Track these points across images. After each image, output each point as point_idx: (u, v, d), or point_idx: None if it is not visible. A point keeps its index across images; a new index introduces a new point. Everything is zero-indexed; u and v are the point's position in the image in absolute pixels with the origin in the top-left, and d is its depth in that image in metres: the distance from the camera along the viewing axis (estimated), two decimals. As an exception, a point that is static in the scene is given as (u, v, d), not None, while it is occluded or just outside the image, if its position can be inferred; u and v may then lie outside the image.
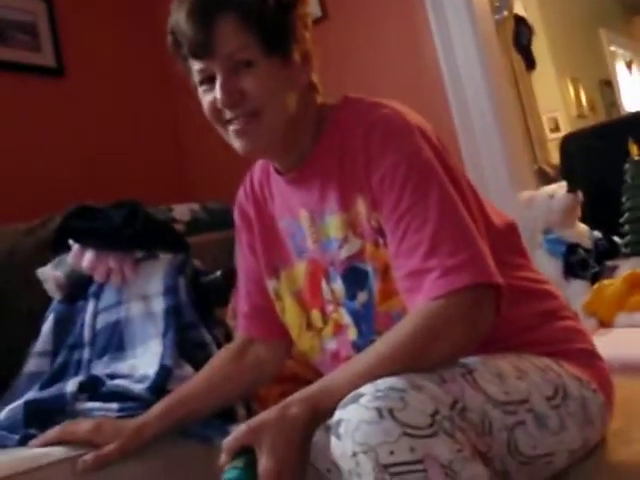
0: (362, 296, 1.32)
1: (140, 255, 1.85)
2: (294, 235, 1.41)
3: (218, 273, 1.82)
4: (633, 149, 2.69)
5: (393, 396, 0.99)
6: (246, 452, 1.07)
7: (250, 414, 1.76)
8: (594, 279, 2.45)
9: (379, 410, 0.97)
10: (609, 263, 2.56)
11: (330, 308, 1.38)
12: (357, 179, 1.28)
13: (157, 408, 1.51)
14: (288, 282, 1.44)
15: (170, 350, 1.71)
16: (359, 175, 1.27)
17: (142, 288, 1.80)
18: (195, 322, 1.77)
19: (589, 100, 6.59)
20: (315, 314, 1.41)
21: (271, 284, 1.47)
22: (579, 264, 2.54)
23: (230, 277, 1.79)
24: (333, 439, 1.01)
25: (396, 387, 1.01)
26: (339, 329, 1.37)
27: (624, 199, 2.73)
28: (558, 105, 6.20)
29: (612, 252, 2.64)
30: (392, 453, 0.96)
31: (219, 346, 1.77)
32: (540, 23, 5.77)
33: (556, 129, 6.23)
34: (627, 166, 2.74)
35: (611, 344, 1.83)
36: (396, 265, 1.21)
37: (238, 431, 1.09)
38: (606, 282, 2.20)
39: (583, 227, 2.63)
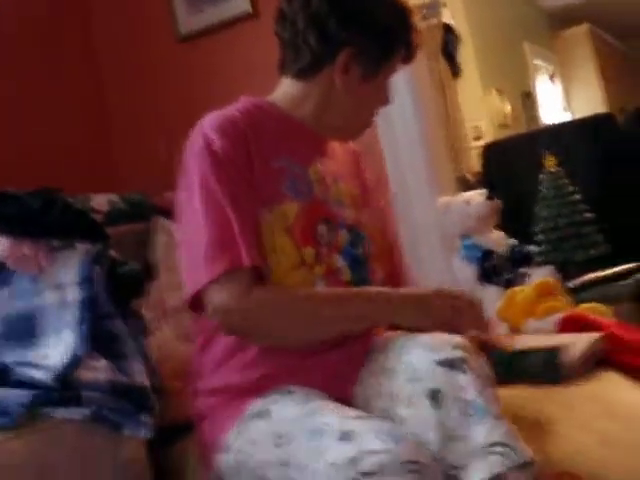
0: (360, 249, 1.60)
1: (56, 244, 1.81)
2: (294, 178, 1.56)
3: (136, 264, 1.80)
4: (548, 161, 2.77)
5: None
6: None
7: (162, 406, 1.76)
8: (507, 285, 2.50)
9: None
10: (522, 270, 2.62)
11: (324, 251, 1.53)
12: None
13: None
14: (280, 217, 1.51)
15: (83, 340, 1.69)
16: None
17: (57, 277, 1.77)
18: (111, 313, 1.75)
19: (512, 110, 6.71)
20: (309, 251, 1.52)
21: (264, 216, 1.50)
22: (493, 270, 2.60)
23: (148, 269, 1.78)
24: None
25: None
26: (330, 271, 1.53)
27: (537, 209, 2.80)
28: (482, 114, 6.29)
29: (526, 260, 2.71)
30: None
31: (135, 338, 1.76)
32: (467, 32, 5.85)
33: (479, 137, 6.32)
34: (542, 177, 2.81)
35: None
36: None
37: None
38: (517, 289, 2.25)
39: (499, 234, 2.70)
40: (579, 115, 8.08)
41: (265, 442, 1.39)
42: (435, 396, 1.30)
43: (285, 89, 1.66)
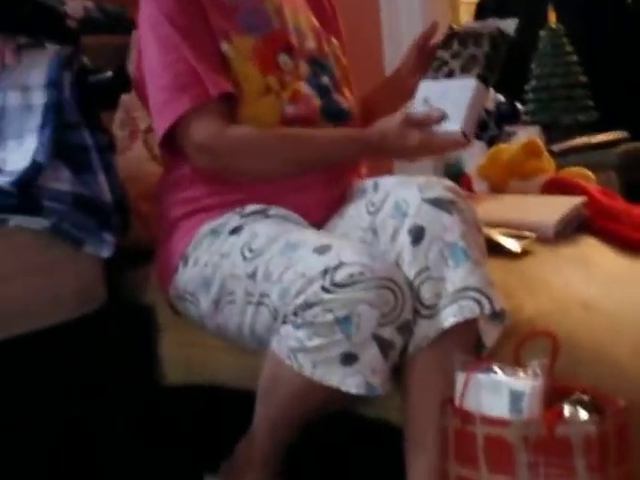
0: (325, 78, 1.60)
1: (24, 41, 1.67)
2: (248, 11, 1.56)
3: (109, 73, 1.67)
4: (552, 17, 2.63)
5: None
6: None
7: (126, 227, 1.69)
8: (491, 142, 2.42)
9: None
10: (508, 128, 2.53)
11: (288, 78, 1.55)
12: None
13: None
14: (240, 48, 1.53)
15: (45, 147, 1.58)
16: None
17: (22, 78, 1.64)
18: (77, 122, 1.63)
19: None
20: (272, 79, 1.53)
21: (224, 47, 1.52)
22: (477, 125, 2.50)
23: (121, 78, 1.66)
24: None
25: None
26: (298, 96, 1.54)
27: (534, 66, 2.69)
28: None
29: (512, 117, 2.62)
30: None
31: (100, 153, 1.65)
32: None
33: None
34: (542, 33, 2.69)
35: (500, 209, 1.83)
36: None
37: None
38: (503, 147, 2.16)
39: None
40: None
41: (235, 255, 1.40)
42: (417, 232, 1.29)
43: None
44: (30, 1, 1.68)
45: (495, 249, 1.59)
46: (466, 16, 4.13)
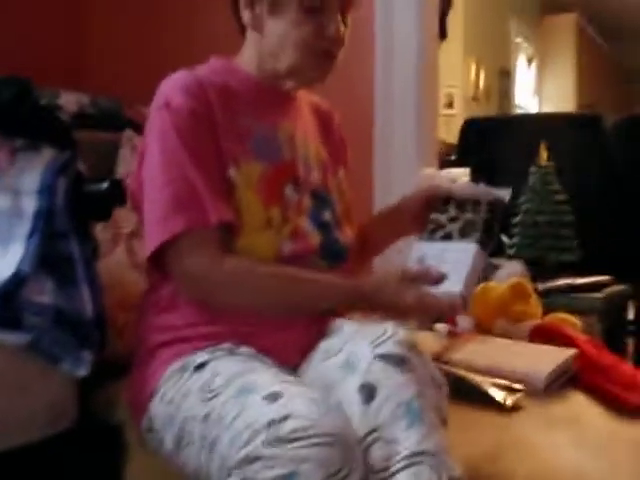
0: (327, 214, 1.57)
1: (20, 143, 1.61)
2: (260, 138, 1.53)
3: (105, 184, 1.61)
4: (543, 154, 2.66)
5: None
6: None
7: (104, 342, 1.61)
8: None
9: None
10: (492, 261, 2.53)
11: (291, 212, 1.50)
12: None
13: None
14: (247, 176, 1.48)
15: (31, 256, 1.50)
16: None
17: (15, 181, 1.57)
18: (66, 232, 1.56)
19: (486, 85, 6.63)
20: (275, 212, 1.48)
21: (231, 172, 1.47)
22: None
23: (117, 191, 1.60)
24: None
25: None
26: (298, 233, 1.50)
27: (522, 200, 2.70)
28: (457, 82, 6.19)
29: (496, 250, 2.62)
30: None
31: (86, 264, 1.58)
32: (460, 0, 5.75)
33: (450, 106, 6.22)
34: (533, 169, 2.72)
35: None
36: None
37: None
38: (491, 285, 2.15)
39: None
40: (547, 102, 8.07)
41: (194, 395, 1.34)
42: (368, 391, 1.22)
43: (242, 48, 1.63)
44: (29, 102, 1.62)
45: (483, 398, 1.57)
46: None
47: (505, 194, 1.50)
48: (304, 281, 1.45)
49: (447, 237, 1.48)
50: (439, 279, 1.39)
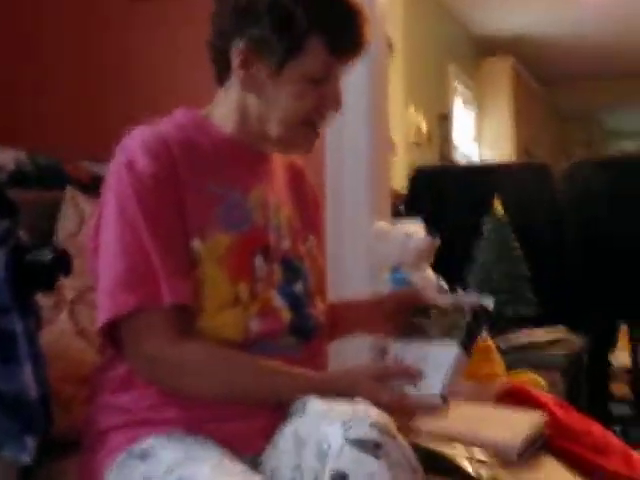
0: (298, 286, 1.46)
1: (-44, 211, 1.50)
2: (230, 204, 1.41)
3: (49, 255, 1.49)
4: (497, 205, 2.63)
5: None
6: None
7: (50, 424, 1.49)
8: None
9: None
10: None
11: (260, 286, 1.39)
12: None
13: None
14: (213, 248, 1.37)
15: (-32, 335, 1.39)
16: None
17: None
18: (8, 307, 1.45)
19: (428, 130, 6.66)
20: (242, 287, 1.37)
21: (195, 244, 1.36)
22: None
23: (63, 261, 1.49)
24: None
25: None
26: (267, 310, 1.39)
27: (476, 252, 2.67)
28: (398, 128, 6.19)
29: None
30: None
31: (29, 340, 1.47)
32: (400, 45, 5.76)
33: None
34: (486, 219, 2.68)
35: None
36: None
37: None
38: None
39: (431, 273, 2.52)
40: (486, 145, 8.15)
41: None
42: (339, 479, 1.11)
43: (215, 100, 1.50)
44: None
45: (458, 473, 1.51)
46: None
47: (489, 302, 1.47)
48: (273, 373, 1.34)
49: (426, 339, 1.45)
50: (418, 378, 1.32)
